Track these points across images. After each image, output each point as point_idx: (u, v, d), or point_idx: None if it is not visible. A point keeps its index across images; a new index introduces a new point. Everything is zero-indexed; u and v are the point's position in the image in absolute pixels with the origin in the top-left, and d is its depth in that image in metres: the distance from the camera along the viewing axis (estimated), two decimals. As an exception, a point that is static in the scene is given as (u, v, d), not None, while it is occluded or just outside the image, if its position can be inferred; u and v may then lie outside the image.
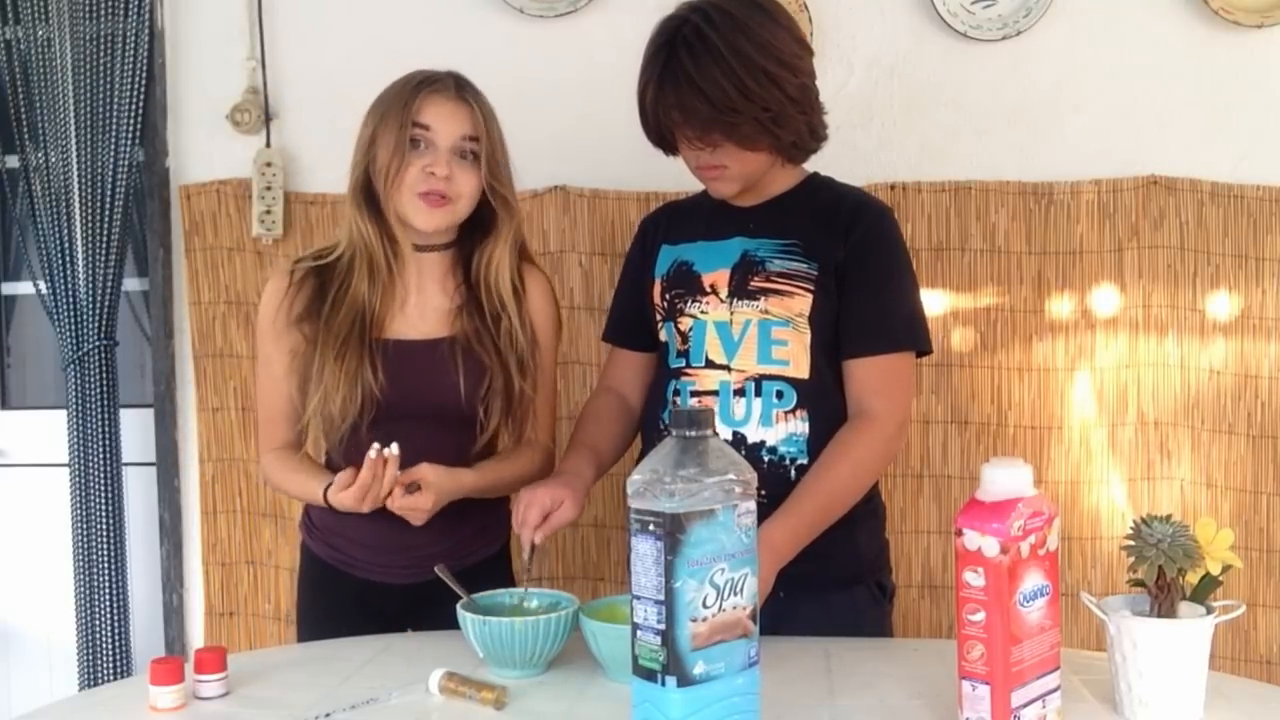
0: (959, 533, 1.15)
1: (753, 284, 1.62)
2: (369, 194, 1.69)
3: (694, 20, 1.53)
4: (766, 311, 1.60)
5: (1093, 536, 2.30)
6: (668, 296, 1.70)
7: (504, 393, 1.70)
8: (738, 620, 1.13)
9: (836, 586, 1.60)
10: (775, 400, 1.59)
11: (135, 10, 2.45)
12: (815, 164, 1.71)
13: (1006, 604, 1.12)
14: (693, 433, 1.13)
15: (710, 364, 1.63)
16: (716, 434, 1.17)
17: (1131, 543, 1.21)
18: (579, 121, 2.39)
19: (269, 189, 2.45)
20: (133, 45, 2.45)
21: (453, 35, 2.42)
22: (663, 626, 1.09)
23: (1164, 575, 1.20)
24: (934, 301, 2.32)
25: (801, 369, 1.60)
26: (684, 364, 1.65)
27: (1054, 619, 1.18)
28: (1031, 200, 2.30)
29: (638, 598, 1.12)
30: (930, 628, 2.34)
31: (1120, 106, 2.29)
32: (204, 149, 2.52)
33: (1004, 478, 1.16)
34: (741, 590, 1.13)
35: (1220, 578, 1.23)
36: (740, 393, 1.60)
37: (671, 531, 1.08)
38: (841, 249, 1.61)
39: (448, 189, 1.65)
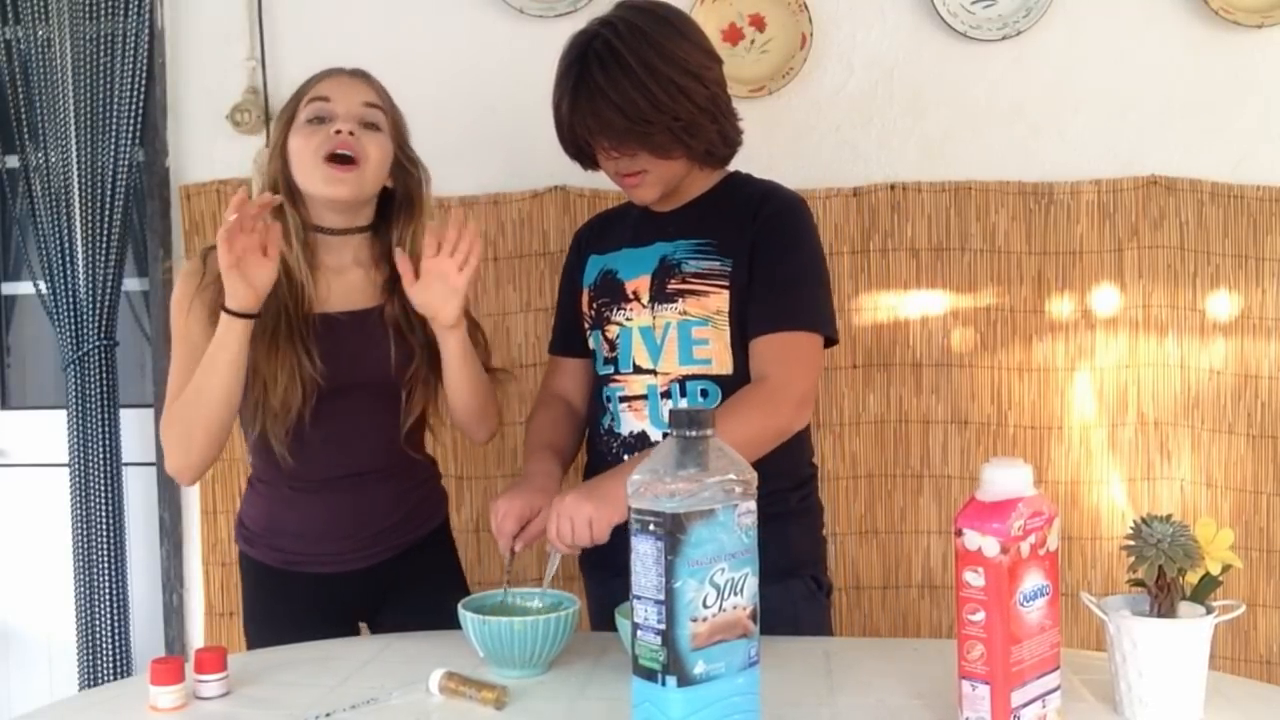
0: (959, 533, 1.15)
1: (670, 286, 1.64)
2: (286, 190, 1.68)
3: (604, 34, 1.57)
4: (685, 313, 1.62)
5: (1093, 536, 2.30)
6: (595, 305, 1.72)
7: (425, 379, 1.70)
8: (738, 620, 1.13)
9: (769, 580, 1.49)
10: (701, 399, 1.61)
11: (135, 10, 2.45)
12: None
13: (1006, 604, 1.12)
14: (693, 433, 1.13)
15: (637, 369, 1.65)
16: (715, 434, 1.17)
17: (1131, 543, 1.21)
18: (579, 121, 2.39)
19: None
20: (133, 45, 2.45)
21: (453, 35, 2.42)
22: (663, 626, 1.09)
23: (1164, 575, 1.20)
24: (934, 301, 2.32)
25: (724, 365, 1.62)
26: (613, 370, 1.69)
27: (1054, 619, 1.18)
28: (1031, 200, 2.30)
29: (638, 598, 1.12)
30: (930, 628, 2.34)
31: (1120, 106, 2.29)
32: (204, 149, 2.52)
33: (1004, 478, 1.16)
34: (741, 590, 1.13)
35: (1220, 578, 1.23)
36: (667, 395, 1.63)
37: (672, 531, 1.08)
38: (749, 238, 1.63)
39: (354, 147, 1.64)
